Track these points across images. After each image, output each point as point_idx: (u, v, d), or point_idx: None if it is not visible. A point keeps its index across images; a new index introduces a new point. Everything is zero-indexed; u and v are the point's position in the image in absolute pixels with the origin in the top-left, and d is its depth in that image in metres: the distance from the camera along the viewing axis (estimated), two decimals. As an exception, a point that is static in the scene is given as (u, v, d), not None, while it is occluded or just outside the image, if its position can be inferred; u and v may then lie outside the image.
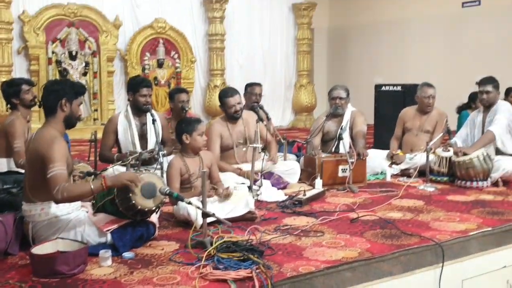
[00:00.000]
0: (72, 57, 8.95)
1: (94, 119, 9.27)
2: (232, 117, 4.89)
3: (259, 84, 6.02)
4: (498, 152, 5.17)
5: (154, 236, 3.23)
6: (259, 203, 4.16)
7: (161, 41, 9.87)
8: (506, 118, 5.14)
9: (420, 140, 5.60)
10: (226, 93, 4.93)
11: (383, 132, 7.02)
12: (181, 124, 3.89)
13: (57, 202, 2.83)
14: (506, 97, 7.19)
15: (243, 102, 5.00)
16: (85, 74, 9.14)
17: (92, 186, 2.82)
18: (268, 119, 5.27)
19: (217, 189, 3.72)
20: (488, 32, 9.53)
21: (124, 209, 2.96)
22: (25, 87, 4.51)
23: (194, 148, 3.86)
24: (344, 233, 3.40)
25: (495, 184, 4.92)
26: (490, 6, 9.50)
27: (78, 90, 3.07)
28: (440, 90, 5.97)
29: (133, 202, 2.93)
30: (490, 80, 5.30)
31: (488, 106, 5.32)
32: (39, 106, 3.14)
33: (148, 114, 4.75)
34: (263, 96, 6.17)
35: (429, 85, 5.75)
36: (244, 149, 4.90)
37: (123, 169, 4.19)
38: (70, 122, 3.07)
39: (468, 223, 3.64)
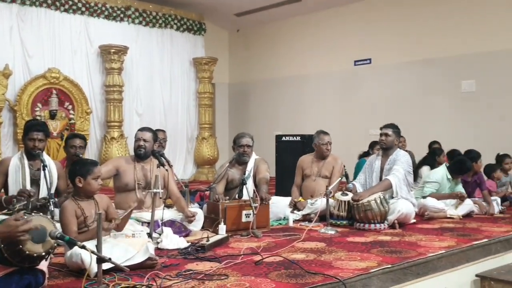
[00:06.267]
0: (-45, 106, 8.29)
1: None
2: (136, 154, 4.83)
3: (162, 130, 5.97)
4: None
5: (43, 285, 2.91)
6: (159, 251, 3.96)
7: (54, 91, 9.45)
8: (404, 169, 5.41)
9: (319, 185, 5.75)
10: (139, 128, 5.01)
11: (284, 180, 7.14)
12: (75, 166, 3.65)
13: None
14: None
15: (150, 143, 4.88)
16: (-33, 125, 8.49)
17: None
18: (170, 166, 5.16)
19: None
20: (379, 87, 10.20)
21: (10, 255, 2.64)
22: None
23: (88, 192, 3.62)
24: (249, 275, 3.30)
25: (391, 226, 5.10)
26: (379, 65, 10.23)
27: None
28: (335, 140, 6.22)
29: (20, 246, 2.64)
30: (391, 125, 5.64)
31: (385, 149, 5.58)
32: None
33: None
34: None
35: (325, 133, 5.98)
36: (144, 193, 4.75)
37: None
38: None
39: (369, 261, 3.70)
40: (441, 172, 6.07)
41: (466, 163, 6.04)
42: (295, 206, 5.65)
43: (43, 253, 2.76)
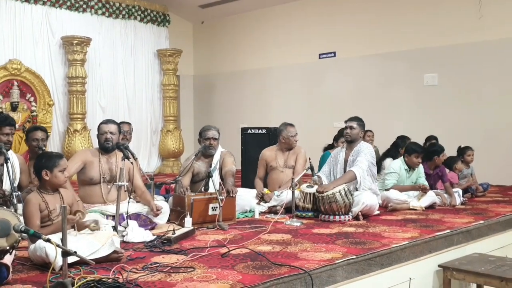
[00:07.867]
0: None
1: None
2: (103, 147, 4.74)
3: (127, 123, 5.89)
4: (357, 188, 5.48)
5: (7, 280, 2.87)
6: (125, 244, 3.93)
7: (15, 83, 9.21)
8: (368, 160, 5.49)
9: (287, 176, 5.85)
10: (103, 121, 4.89)
11: (250, 173, 7.15)
12: (41, 159, 3.60)
13: None
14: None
15: (116, 136, 4.81)
16: None
17: None
18: (135, 158, 5.10)
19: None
20: (343, 80, 10.32)
21: (-27, 250, 2.59)
22: None
23: (54, 185, 3.57)
24: (215, 267, 3.31)
25: (356, 218, 5.17)
26: (344, 58, 10.35)
27: None
28: (300, 133, 6.28)
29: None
30: (355, 118, 5.71)
31: (350, 142, 5.66)
32: None
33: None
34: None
35: (291, 125, 6.07)
36: (109, 186, 4.69)
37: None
38: None
39: (334, 252, 3.74)
40: (398, 163, 6.20)
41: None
42: (262, 198, 5.69)
43: (7, 247, 2.71)
